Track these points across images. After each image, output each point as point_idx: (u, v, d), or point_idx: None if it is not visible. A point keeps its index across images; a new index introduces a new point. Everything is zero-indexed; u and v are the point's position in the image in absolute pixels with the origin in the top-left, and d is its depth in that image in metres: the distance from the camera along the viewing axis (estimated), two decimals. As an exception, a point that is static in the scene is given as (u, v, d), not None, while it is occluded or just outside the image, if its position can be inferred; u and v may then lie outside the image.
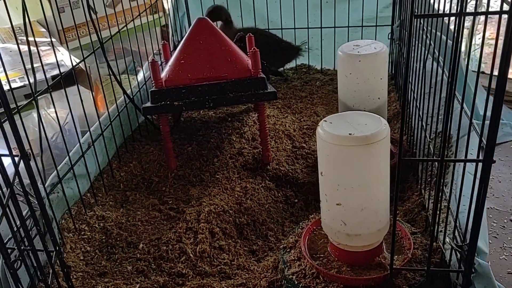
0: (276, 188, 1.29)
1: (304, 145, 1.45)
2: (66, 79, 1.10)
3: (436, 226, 0.91)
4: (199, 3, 1.97)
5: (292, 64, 1.97)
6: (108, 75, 1.62)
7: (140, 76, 1.62)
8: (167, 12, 2.14)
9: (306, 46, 1.91)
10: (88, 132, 1.18)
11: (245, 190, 1.24)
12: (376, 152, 0.80)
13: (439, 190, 0.77)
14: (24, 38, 2.02)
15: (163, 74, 1.25)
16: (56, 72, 1.81)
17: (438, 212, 0.93)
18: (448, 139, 1.20)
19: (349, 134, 0.79)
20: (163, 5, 2.33)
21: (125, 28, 1.47)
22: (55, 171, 1.05)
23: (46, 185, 1.01)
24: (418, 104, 1.24)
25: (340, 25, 1.84)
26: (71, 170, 1.08)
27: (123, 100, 1.41)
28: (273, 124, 1.55)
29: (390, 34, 1.82)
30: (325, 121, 0.86)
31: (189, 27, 2.06)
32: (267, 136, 1.32)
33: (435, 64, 1.36)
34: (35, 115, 1.70)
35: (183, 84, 1.23)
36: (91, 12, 1.29)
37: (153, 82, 1.22)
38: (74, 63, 1.21)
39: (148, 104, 1.23)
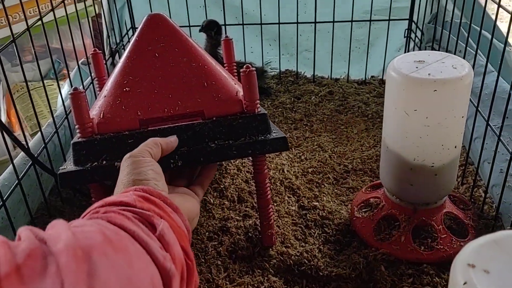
0: (285, 287, 0.80)
1: (316, 202, 0.97)
2: None
3: None
4: (144, -11, 1.42)
5: (275, 71, 1.47)
6: (23, 82, 1.06)
7: (59, 103, 1.06)
8: None
9: (272, 67, 1.42)
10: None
11: (241, 303, 0.75)
12: None
13: None
14: None
15: (94, 112, 0.71)
16: None
17: None
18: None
19: None
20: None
21: (40, 21, 0.91)
22: None
23: None
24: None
25: (340, 19, 1.35)
26: None
27: (25, 155, 0.85)
28: (263, 166, 1.06)
29: (407, 31, 1.37)
30: (471, 265, 0.38)
31: (132, 25, 1.51)
32: (270, 206, 0.82)
33: (500, 79, 0.91)
34: None
35: (128, 129, 0.69)
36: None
37: (76, 126, 0.69)
38: None
39: (70, 165, 0.69)
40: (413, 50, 1.38)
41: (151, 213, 0.45)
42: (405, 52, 1.42)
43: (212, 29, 1.22)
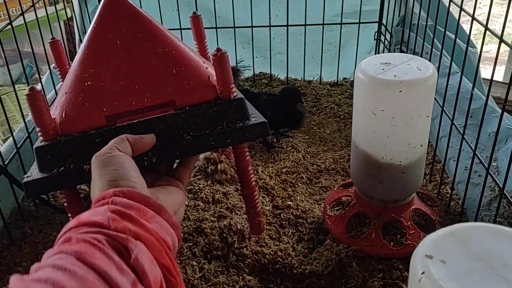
0: (260, 286, 0.82)
1: (290, 202, 0.99)
2: None
3: None
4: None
5: (249, 73, 1.49)
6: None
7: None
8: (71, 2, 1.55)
9: (244, 66, 1.42)
10: None
11: (217, 303, 0.76)
12: None
13: None
14: None
15: (56, 111, 0.64)
16: None
17: None
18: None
19: (511, 307, 0.35)
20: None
21: (10, 26, 0.91)
22: None
23: None
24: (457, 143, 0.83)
25: (312, 22, 1.38)
26: None
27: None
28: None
29: (376, 34, 1.40)
30: (429, 256, 0.40)
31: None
32: (255, 193, 0.75)
33: (464, 80, 0.95)
34: None
35: (95, 127, 0.63)
36: None
37: (37, 129, 0.62)
38: None
39: (35, 172, 0.62)
40: (383, 52, 1.41)
41: (126, 236, 0.43)
42: (375, 54, 1.46)
43: None
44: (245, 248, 0.86)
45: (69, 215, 0.63)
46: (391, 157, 0.77)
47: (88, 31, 0.66)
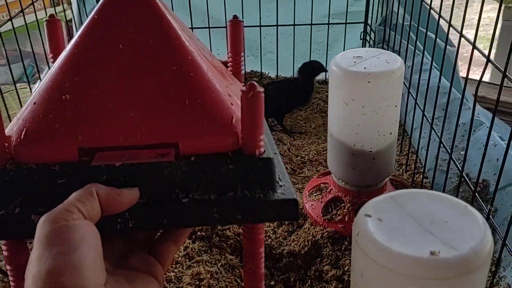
0: (241, 265, 0.88)
1: (273, 190, 1.04)
2: None
3: None
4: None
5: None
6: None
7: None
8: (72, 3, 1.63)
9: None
10: None
11: (199, 278, 0.81)
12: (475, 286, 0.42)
13: None
14: None
15: (16, 127, 0.45)
16: None
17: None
18: (481, 188, 0.85)
19: (431, 253, 0.40)
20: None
21: (11, 22, 0.98)
22: None
23: None
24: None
25: (300, 23, 1.44)
26: None
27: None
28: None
29: (362, 34, 1.46)
30: (368, 215, 0.46)
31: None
32: (262, 284, 0.52)
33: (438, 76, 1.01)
34: None
35: (61, 160, 0.43)
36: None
37: None
38: None
39: None
40: (368, 51, 1.48)
41: None
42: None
43: None
44: (227, 230, 0.91)
45: (7, 267, 0.46)
46: (362, 144, 0.83)
47: (85, 23, 0.49)
